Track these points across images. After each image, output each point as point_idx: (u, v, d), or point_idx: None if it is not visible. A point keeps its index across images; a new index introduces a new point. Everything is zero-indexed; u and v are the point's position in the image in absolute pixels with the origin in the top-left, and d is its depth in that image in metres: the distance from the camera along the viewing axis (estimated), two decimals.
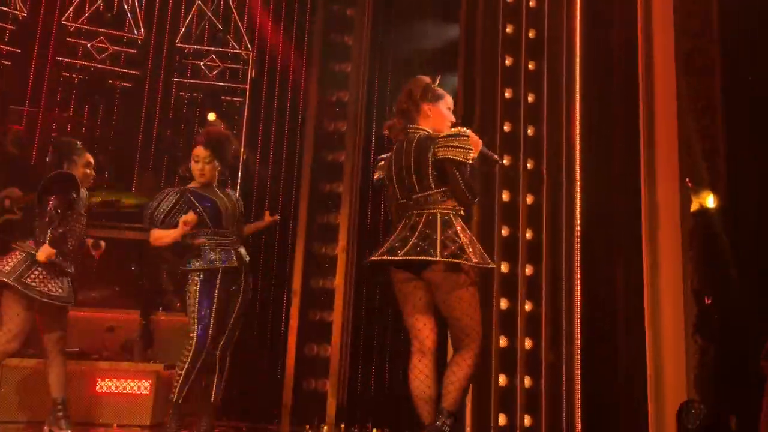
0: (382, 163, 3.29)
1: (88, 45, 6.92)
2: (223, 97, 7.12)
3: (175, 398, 3.83)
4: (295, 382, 5.74)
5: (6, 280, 3.83)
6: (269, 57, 7.07)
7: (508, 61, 5.58)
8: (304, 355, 5.85)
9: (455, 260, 2.93)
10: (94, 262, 6.26)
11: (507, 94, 5.53)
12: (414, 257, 2.94)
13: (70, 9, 6.88)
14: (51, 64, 6.78)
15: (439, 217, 3.02)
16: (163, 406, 4.69)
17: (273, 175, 6.57)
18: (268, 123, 6.77)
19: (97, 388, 5.01)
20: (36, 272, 3.87)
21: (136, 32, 6.98)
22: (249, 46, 7.17)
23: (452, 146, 3.01)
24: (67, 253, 4.01)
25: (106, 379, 5.04)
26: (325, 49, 6.61)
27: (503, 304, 5.11)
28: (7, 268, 3.86)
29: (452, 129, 3.14)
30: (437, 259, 2.92)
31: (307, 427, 5.33)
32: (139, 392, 5.06)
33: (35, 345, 4.42)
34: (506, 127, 5.45)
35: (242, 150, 6.19)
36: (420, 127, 3.19)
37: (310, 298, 5.99)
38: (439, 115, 3.23)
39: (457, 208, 3.10)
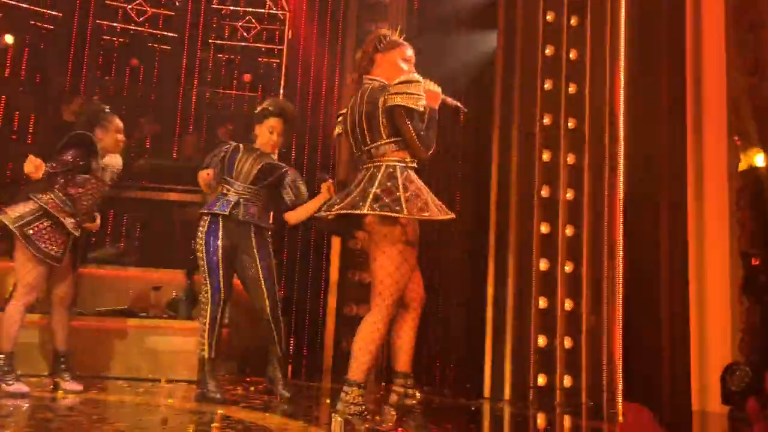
0: (341, 118, 3.15)
1: (128, 7, 6.96)
2: (259, 59, 7.12)
3: (207, 353, 3.94)
4: (335, 343, 5.84)
5: (6, 223, 3.86)
6: (306, 17, 7.03)
7: (549, 17, 5.44)
8: (344, 315, 5.93)
9: (380, 212, 2.74)
10: (139, 224, 6.42)
11: (548, 51, 5.40)
12: (344, 211, 2.81)
13: None
14: (92, 28, 6.84)
15: (383, 169, 2.85)
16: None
17: (311, 138, 6.59)
18: (305, 84, 6.77)
19: (144, 344, 5.16)
20: (40, 226, 3.89)
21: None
22: (285, 6, 7.13)
23: (402, 93, 2.83)
24: (77, 214, 4.02)
25: (153, 336, 5.19)
26: (361, 8, 6.52)
27: (542, 265, 5.08)
28: (14, 214, 3.88)
29: (402, 76, 2.92)
30: (363, 212, 2.76)
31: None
32: (184, 349, 5.20)
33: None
34: (547, 85, 5.33)
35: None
36: (373, 77, 3.02)
37: (347, 258, 6.04)
38: (391, 64, 3.03)
39: (409, 160, 2.91)
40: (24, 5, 6.65)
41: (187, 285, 5.47)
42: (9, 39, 6.57)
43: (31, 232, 3.88)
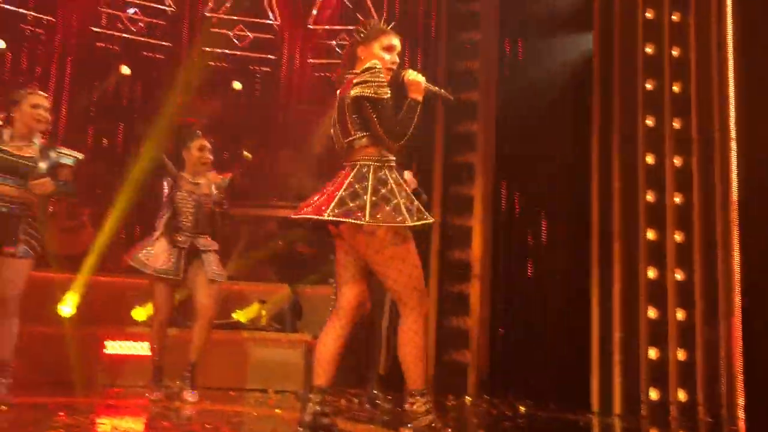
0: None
1: (231, 34, 7.30)
2: None
3: None
4: (436, 354, 5.83)
5: (128, 259, 4.33)
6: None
7: (648, 14, 5.22)
8: (444, 327, 5.91)
9: (338, 219, 2.60)
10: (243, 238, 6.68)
11: (648, 50, 5.18)
12: (307, 215, 2.70)
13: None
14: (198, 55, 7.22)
15: (356, 169, 2.69)
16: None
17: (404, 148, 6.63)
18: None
19: (252, 356, 5.37)
20: (151, 248, 4.30)
21: (272, 18, 7.26)
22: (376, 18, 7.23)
23: (362, 82, 2.66)
24: (180, 228, 4.34)
25: (261, 348, 5.39)
26: (451, 17, 6.51)
27: (650, 273, 4.86)
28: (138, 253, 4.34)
29: (366, 65, 2.73)
30: (323, 218, 2.62)
31: (450, 397, 5.40)
32: (291, 361, 5.37)
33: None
34: (649, 85, 5.12)
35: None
36: (353, 71, 2.83)
37: (447, 270, 6.02)
38: (370, 57, 2.80)
39: (385, 157, 2.73)
40: (141, 39, 7.14)
41: (292, 299, 5.64)
42: (126, 70, 7.06)
43: (142, 256, 4.22)
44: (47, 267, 5.82)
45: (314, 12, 7.32)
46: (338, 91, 2.86)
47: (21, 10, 6.68)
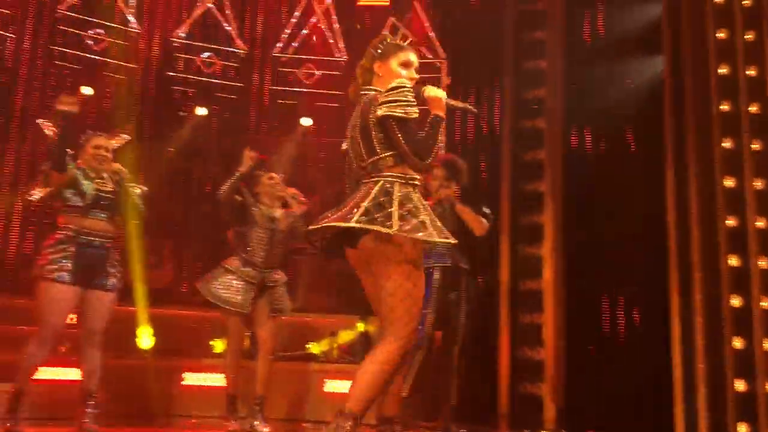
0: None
1: (299, 72, 7.53)
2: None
3: (404, 392, 4.05)
4: (510, 386, 5.71)
5: (200, 290, 4.46)
6: (462, 61, 7.14)
7: (721, 34, 5.08)
8: (517, 359, 5.80)
9: (365, 226, 2.49)
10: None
11: (722, 71, 5.03)
12: (331, 223, 2.59)
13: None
14: (269, 95, 7.46)
15: (381, 184, 2.62)
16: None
17: (473, 177, 6.61)
18: (464, 128, 6.85)
19: (324, 388, 5.40)
20: (222, 279, 4.41)
21: (338, 54, 7.45)
22: (442, 54, 7.30)
23: (389, 101, 2.60)
24: (251, 263, 4.44)
25: (333, 380, 5.42)
26: (517, 46, 6.51)
27: (734, 301, 4.65)
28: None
29: (393, 83, 2.66)
30: (348, 224, 2.51)
31: None
32: None
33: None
34: (724, 106, 4.96)
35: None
36: (372, 87, 2.79)
37: (518, 300, 5.93)
38: (388, 73, 2.76)
39: (409, 175, 2.65)
40: (216, 81, 7.46)
41: (363, 330, 5.67)
42: (202, 110, 7.37)
43: (213, 288, 4.36)
44: (128, 300, 6.09)
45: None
46: (358, 107, 2.79)
47: (105, 59, 7.11)
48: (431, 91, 2.72)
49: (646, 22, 5.90)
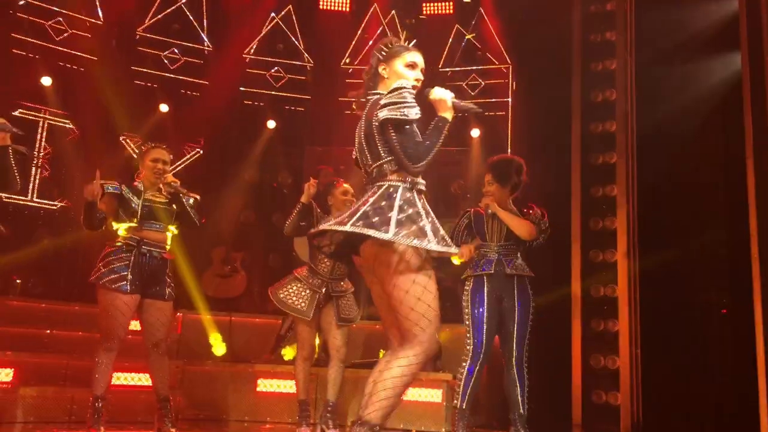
0: None
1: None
2: (487, 114, 7.27)
3: (458, 404, 4.02)
4: (583, 396, 5.57)
5: (271, 296, 4.56)
6: (529, 66, 7.07)
7: None
8: (590, 367, 5.65)
9: (359, 230, 2.41)
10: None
11: None
12: (327, 227, 2.54)
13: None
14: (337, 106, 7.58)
15: (383, 189, 2.55)
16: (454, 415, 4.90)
17: (542, 183, 6.50)
18: (532, 133, 6.76)
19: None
20: (290, 288, 4.51)
21: None
22: (508, 59, 7.25)
23: (388, 104, 2.54)
24: (318, 273, 4.53)
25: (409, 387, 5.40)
26: (585, 48, 6.38)
27: None
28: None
29: (394, 84, 2.62)
30: (344, 228, 2.45)
31: None
32: (431, 400, 5.36)
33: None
34: None
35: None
36: (377, 91, 2.74)
37: (590, 307, 5.78)
38: (393, 75, 2.72)
39: (413, 180, 2.58)
40: (284, 94, 7.65)
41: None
42: (272, 124, 7.57)
43: (282, 295, 4.50)
44: (199, 309, 6.31)
45: (444, 53, 7.46)
46: (365, 113, 2.74)
47: (180, 77, 7.43)
48: (436, 93, 2.65)
49: (720, 18, 5.69)
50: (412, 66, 2.75)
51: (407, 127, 2.54)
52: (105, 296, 3.91)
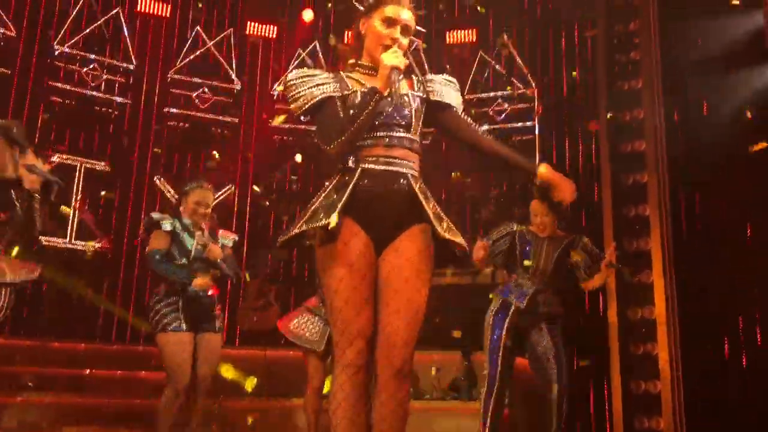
0: None
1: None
2: (515, 138, 7.25)
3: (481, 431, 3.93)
4: (625, 421, 5.42)
5: (279, 328, 4.53)
6: (554, 88, 7.05)
7: None
8: (631, 392, 5.50)
9: (294, 231, 2.21)
10: None
11: None
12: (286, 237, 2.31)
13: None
14: None
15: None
16: None
17: (572, 205, 6.43)
18: (560, 155, 6.72)
19: (430, 426, 5.34)
20: (301, 320, 4.48)
21: None
22: (533, 83, 7.25)
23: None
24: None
25: (438, 418, 5.35)
26: (611, 69, 6.35)
27: None
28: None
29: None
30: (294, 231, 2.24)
31: None
32: (469, 429, 5.26)
33: None
34: None
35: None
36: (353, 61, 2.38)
37: (629, 330, 5.64)
38: (371, 33, 2.30)
39: (345, 164, 2.23)
40: (311, 128, 7.75)
41: (466, 366, 5.59)
42: (299, 158, 7.67)
43: (292, 326, 4.49)
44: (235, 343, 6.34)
45: (469, 78, 7.48)
46: None
47: (210, 116, 7.62)
48: (385, 57, 2.20)
49: (748, 31, 5.60)
50: (389, 22, 2.28)
51: (327, 105, 2.20)
52: (163, 340, 3.92)
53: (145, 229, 4.09)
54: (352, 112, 2.14)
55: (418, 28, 2.42)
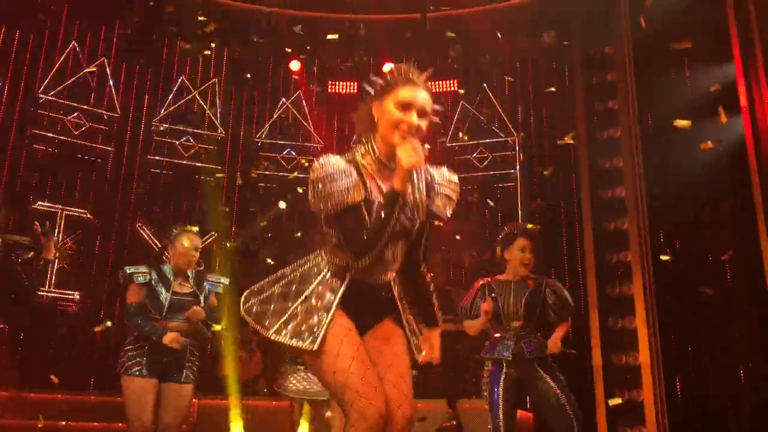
0: None
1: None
2: (496, 185, 7.34)
3: None
4: None
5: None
6: (535, 137, 7.19)
7: None
8: None
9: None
10: None
11: None
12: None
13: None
14: None
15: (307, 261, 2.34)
16: None
17: (555, 252, 6.49)
18: (542, 198, 6.81)
19: None
20: (293, 375, 4.51)
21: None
22: (514, 131, 7.38)
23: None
24: None
25: None
26: (589, 118, 6.51)
27: None
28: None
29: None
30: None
31: None
32: None
33: None
34: None
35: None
36: (367, 141, 2.22)
37: (614, 375, 5.63)
38: (383, 117, 2.14)
39: (333, 258, 2.23)
40: (298, 175, 7.81)
41: (450, 414, 5.52)
42: (282, 205, 7.69)
43: (290, 383, 4.51)
44: (218, 393, 6.21)
45: (450, 130, 7.59)
46: None
47: (197, 164, 7.65)
48: (402, 155, 2.06)
49: (721, 83, 5.77)
50: (405, 106, 2.12)
51: (347, 214, 2.09)
52: (124, 382, 3.86)
53: (121, 282, 4.03)
54: (378, 225, 2.07)
55: None
